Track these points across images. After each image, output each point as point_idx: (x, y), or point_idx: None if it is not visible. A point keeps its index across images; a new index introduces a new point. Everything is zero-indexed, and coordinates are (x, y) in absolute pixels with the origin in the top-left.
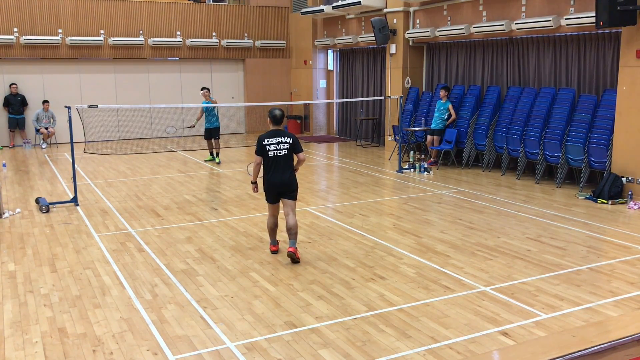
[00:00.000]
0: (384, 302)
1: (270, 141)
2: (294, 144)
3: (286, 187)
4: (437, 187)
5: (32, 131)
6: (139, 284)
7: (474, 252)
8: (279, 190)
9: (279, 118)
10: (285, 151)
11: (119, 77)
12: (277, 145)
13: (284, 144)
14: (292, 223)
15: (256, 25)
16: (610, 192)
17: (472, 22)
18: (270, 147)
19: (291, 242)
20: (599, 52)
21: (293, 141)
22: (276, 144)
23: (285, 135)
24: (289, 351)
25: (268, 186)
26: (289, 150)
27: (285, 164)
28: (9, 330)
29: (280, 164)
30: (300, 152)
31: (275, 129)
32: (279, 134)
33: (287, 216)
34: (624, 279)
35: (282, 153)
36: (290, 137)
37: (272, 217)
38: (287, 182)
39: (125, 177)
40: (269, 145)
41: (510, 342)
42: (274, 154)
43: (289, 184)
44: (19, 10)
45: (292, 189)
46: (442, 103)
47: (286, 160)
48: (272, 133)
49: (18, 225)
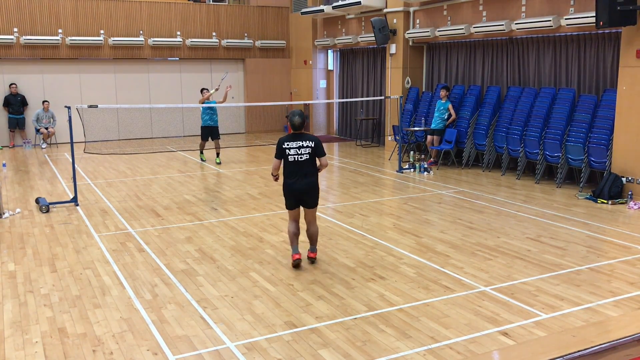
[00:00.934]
0: (384, 302)
1: (291, 144)
2: (316, 147)
3: (307, 195)
4: (437, 187)
5: (32, 131)
6: (139, 284)
7: (474, 252)
8: (299, 197)
9: (298, 126)
10: (307, 156)
11: (119, 77)
12: (297, 150)
13: (306, 148)
14: (313, 230)
15: (256, 25)
16: (610, 192)
17: (472, 22)
18: (290, 152)
19: (312, 248)
20: (599, 52)
21: (315, 144)
22: (297, 148)
23: (307, 138)
24: (289, 351)
25: (288, 192)
26: (311, 154)
27: (307, 170)
28: (9, 330)
29: (301, 170)
30: (323, 155)
31: (298, 132)
32: (300, 137)
33: (308, 224)
34: (624, 279)
35: (303, 158)
36: (312, 140)
37: (293, 222)
38: (308, 189)
39: (125, 177)
40: (289, 149)
41: (510, 342)
42: (294, 159)
43: (311, 191)
44: (19, 10)
45: (313, 196)
46: (442, 103)
47: (308, 166)
48: (293, 136)
49: (18, 225)
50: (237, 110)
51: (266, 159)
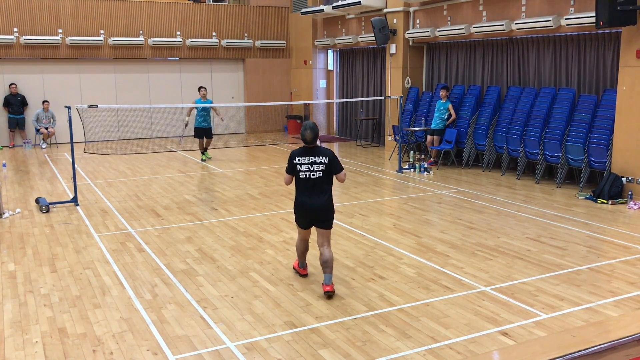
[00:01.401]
0: (384, 302)
1: (302, 160)
2: (331, 163)
3: (321, 215)
4: (437, 187)
5: (32, 131)
6: (139, 284)
7: (474, 252)
8: (312, 217)
9: (310, 141)
10: (320, 173)
11: (119, 77)
12: (309, 166)
13: (319, 164)
14: (328, 256)
15: (256, 25)
16: (610, 192)
17: (472, 22)
18: (301, 168)
19: (327, 278)
20: (599, 52)
21: (329, 160)
22: (309, 164)
23: (320, 153)
24: (289, 351)
25: (300, 210)
26: (325, 171)
27: (321, 188)
28: (9, 330)
29: (314, 188)
30: (340, 171)
31: (310, 146)
32: (313, 152)
33: (321, 247)
34: (624, 279)
35: (316, 175)
36: (326, 155)
37: (303, 241)
38: (321, 209)
39: (125, 177)
40: (300, 165)
41: (510, 342)
42: (306, 176)
43: (325, 210)
44: (19, 10)
45: (328, 216)
46: (442, 103)
47: (321, 184)
48: (305, 150)
49: (18, 225)
50: (237, 110)
51: (266, 159)
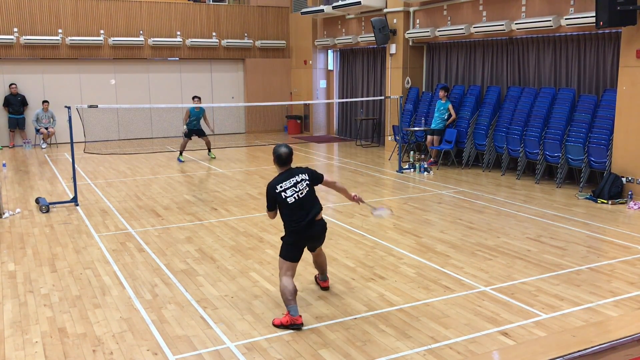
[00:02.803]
0: (384, 302)
1: (285, 185)
2: (311, 176)
3: (320, 234)
4: (437, 187)
5: (32, 131)
6: (139, 284)
7: (474, 252)
8: (313, 243)
9: (285, 158)
10: (307, 188)
11: (119, 77)
12: (294, 188)
13: (302, 182)
14: (323, 259)
15: (256, 25)
16: (610, 192)
17: (472, 22)
18: (287, 193)
19: (323, 277)
20: (599, 52)
21: (309, 175)
22: (293, 186)
23: (300, 172)
24: (289, 351)
25: (299, 238)
26: (310, 186)
27: (312, 204)
28: (9, 330)
29: (306, 206)
30: (322, 178)
31: (285, 170)
32: (292, 174)
33: (317, 256)
34: (624, 279)
35: (305, 193)
36: (305, 172)
37: (289, 277)
38: (318, 229)
39: (125, 177)
40: (284, 192)
41: (510, 342)
42: (295, 198)
43: (321, 230)
44: (19, 10)
45: (324, 234)
46: (442, 103)
47: (312, 200)
48: (284, 176)
49: (18, 225)
50: (237, 110)
51: (266, 159)
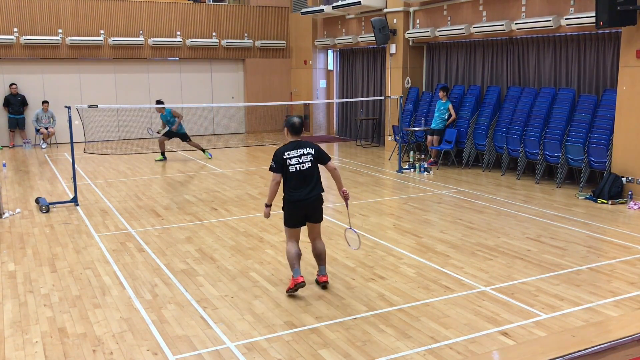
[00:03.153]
0: (384, 302)
1: (291, 154)
2: (318, 153)
3: (314, 208)
4: (437, 187)
5: (32, 131)
6: (139, 284)
7: (474, 252)
8: (307, 211)
9: (298, 127)
10: (309, 163)
11: (119, 77)
12: (299, 158)
13: (307, 155)
14: (321, 249)
15: (256, 25)
16: (610, 192)
17: (472, 22)
18: (291, 161)
19: (322, 269)
20: (599, 52)
21: (316, 151)
22: (298, 156)
23: (307, 145)
24: (289, 351)
25: (293, 207)
26: (313, 162)
27: (312, 179)
28: (9, 330)
29: (306, 179)
30: (328, 160)
31: (295, 140)
32: (300, 145)
33: (314, 241)
34: (624, 279)
35: (306, 167)
36: (312, 147)
37: (294, 242)
38: (314, 202)
39: (125, 177)
40: (289, 159)
41: (510, 342)
42: (296, 169)
43: (318, 203)
44: (19, 10)
45: (320, 209)
46: (442, 103)
47: (312, 174)
48: (292, 145)
49: (18, 225)
50: (237, 110)
51: (266, 158)
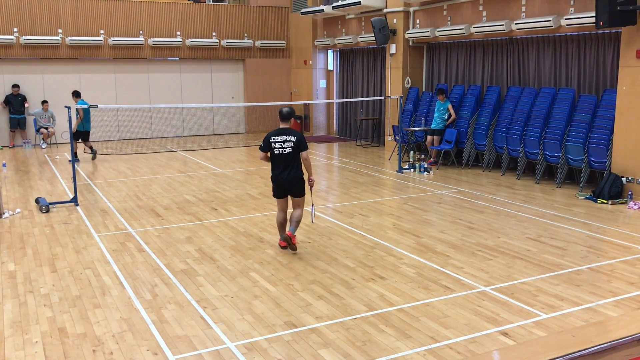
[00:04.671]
0: (384, 302)
1: (277, 139)
2: (298, 142)
3: (292, 185)
4: (437, 187)
5: (32, 131)
6: (139, 284)
7: (474, 252)
8: (284, 187)
9: (285, 114)
10: (290, 149)
11: (119, 77)
12: (282, 144)
13: (289, 142)
14: (296, 215)
15: (256, 25)
16: (610, 192)
17: (472, 22)
18: (275, 145)
19: (291, 229)
20: (599, 52)
21: (297, 140)
22: (282, 142)
23: (291, 133)
24: (289, 351)
25: (274, 182)
26: (294, 148)
27: (291, 162)
28: (9, 330)
29: (285, 162)
30: (304, 150)
31: (282, 127)
32: (285, 132)
33: (294, 210)
34: (624, 279)
35: (287, 151)
36: (295, 135)
37: (281, 211)
38: (291, 180)
39: (125, 177)
40: (274, 143)
41: (510, 342)
42: (279, 152)
43: (294, 181)
44: (19, 10)
45: (298, 187)
46: (441, 103)
47: (291, 158)
48: (279, 131)
49: (18, 225)
50: (237, 110)
51: None
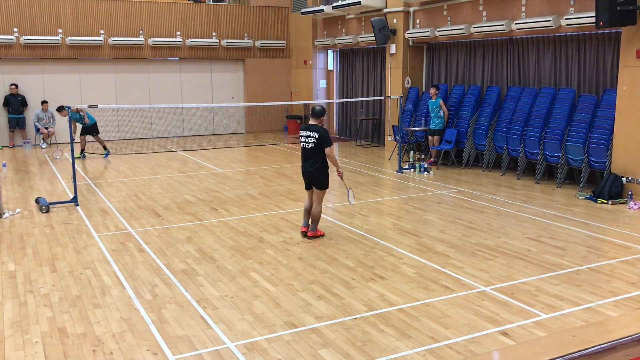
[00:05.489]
0: (384, 302)
1: (303, 133)
2: (320, 139)
3: (311, 177)
4: (437, 187)
5: (32, 131)
6: (139, 284)
7: (474, 252)
8: (307, 178)
9: (315, 112)
10: (312, 145)
11: (119, 77)
12: (306, 138)
13: (311, 137)
14: (314, 211)
15: (256, 25)
16: (610, 192)
17: (472, 22)
18: (301, 139)
19: (305, 222)
20: (599, 52)
21: (319, 136)
22: (305, 136)
23: (314, 130)
24: (289, 351)
25: (302, 174)
26: (316, 144)
27: (312, 156)
28: (9, 330)
29: (307, 155)
30: (328, 146)
31: (310, 123)
32: (310, 128)
33: (313, 204)
34: (624, 279)
35: (309, 146)
36: (317, 132)
37: (308, 199)
38: (312, 173)
39: (125, 177)
40: (301, 137)
41: (510, 342)
42: (303, 145)
43: (314, 174)
44: (19, 10)
45: (318, 180)
46: (432, 102)
47: (312, 153)
48: (306, 126)
49: (18, 225)
50: (237, 110)
51: (266, 159)
